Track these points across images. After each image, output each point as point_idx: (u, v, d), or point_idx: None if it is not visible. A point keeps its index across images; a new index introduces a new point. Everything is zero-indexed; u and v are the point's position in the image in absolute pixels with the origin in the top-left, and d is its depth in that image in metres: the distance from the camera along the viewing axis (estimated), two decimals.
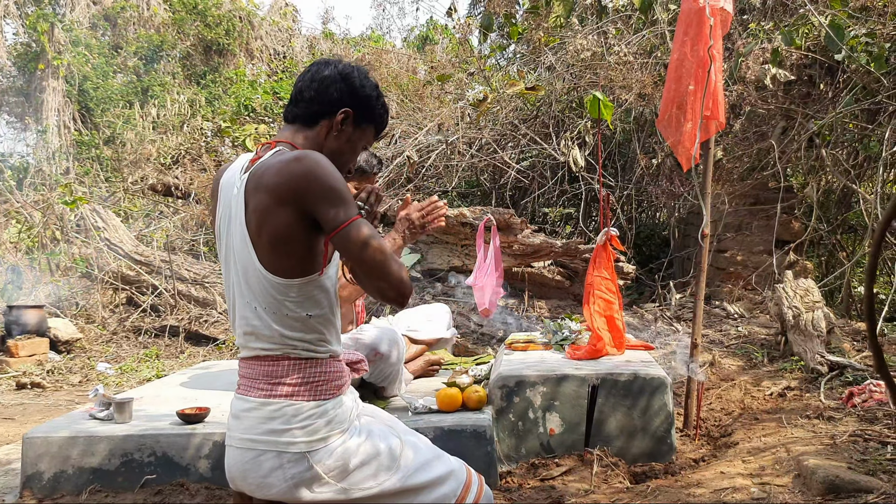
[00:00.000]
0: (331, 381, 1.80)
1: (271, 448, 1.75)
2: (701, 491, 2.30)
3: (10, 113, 12.42)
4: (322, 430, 1.76)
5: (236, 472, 1.81)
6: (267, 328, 1.75)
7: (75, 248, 6.99)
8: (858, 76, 4.82)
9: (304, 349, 1.77)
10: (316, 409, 1.77)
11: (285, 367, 1.78)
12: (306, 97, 1.88)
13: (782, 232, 5.59)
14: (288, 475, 1.75)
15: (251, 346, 1.80)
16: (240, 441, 1.79)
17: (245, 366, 1.85)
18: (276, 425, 1.75)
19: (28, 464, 2.50)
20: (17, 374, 5.10)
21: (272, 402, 1.76)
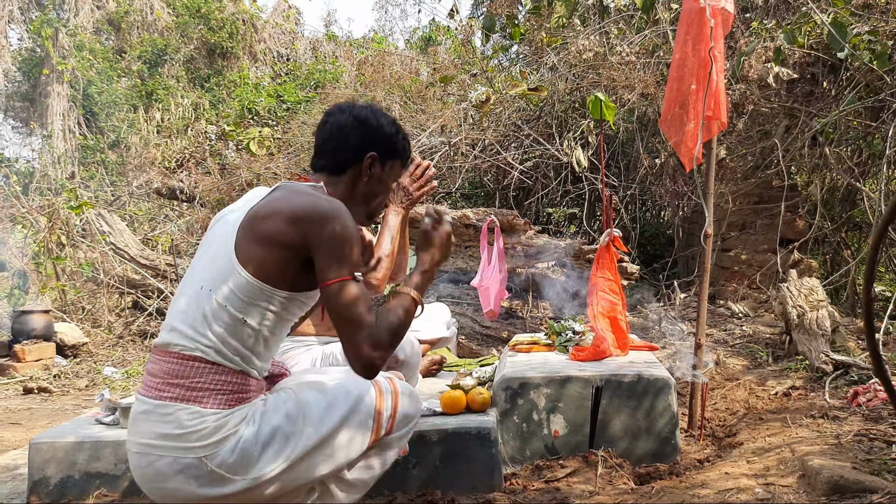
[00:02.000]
0: (234, 393, 1.78)
1: (167, 453, 1.73)
2: (706, 492, 2.30)
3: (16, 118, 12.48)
4: (216, 435, 1.74)
5: (138, 478, 1.80)
6: (197, 319, 1.75)
7: (81, 252, 7.02)
8: (861, 74, 4.81)
9: (218, 353, 1.75)
10: (210, 416, 1.74)
11: (191, 368, 1.75)
12: (329, 149, 1.95)
13: (786, 230, 5.58)
14: (190, 479, 1.74)
15: (169, 338, 1.78)
16: (136, 446, 1.78)
17: (153, 360, 1.83)
18: (169, 429, 1.73)
19: (35, 469, 2.51)
20: (24, 379, 5.12)
21: (167, 406, 1.74)
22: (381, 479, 2.46)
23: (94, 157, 11.07)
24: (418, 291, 1.86)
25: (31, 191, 9.61)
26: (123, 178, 10.15)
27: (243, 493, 1.76)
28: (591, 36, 6.11)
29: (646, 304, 5.56)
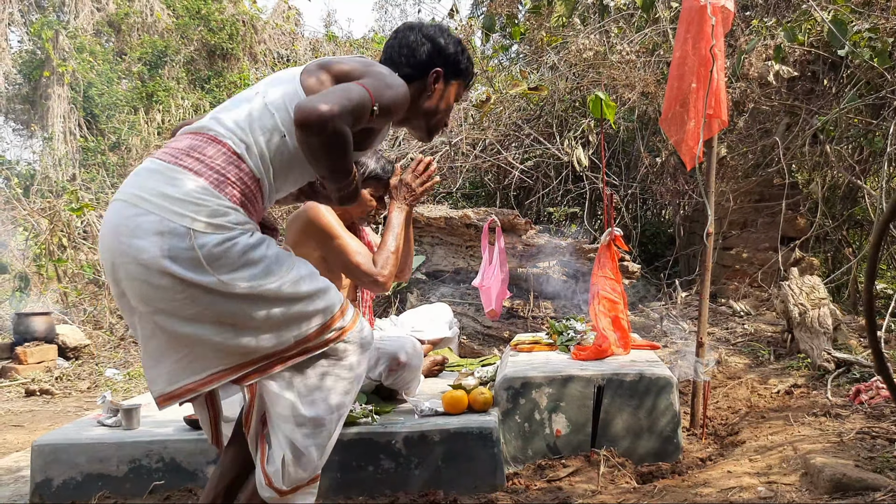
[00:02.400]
0: (244, 195, 1.77)
1: (158, 212, 1.68)
2: (708, 490, 2.30)
3: (17, 120, 12.48)
4: (215, 218, 1.71)
5: (110, 228, 1.73)
6: (241, 116, 1.77)
7: (82, 254, 7.02)
8: (862, 71, 4.81)
9: (248, 150, 1.76)
10: (215, 199, 1.72)
11: (217, 151, 1.75)
12: (396, 61, 2.00)
13: (788, 229, 5.57)
14: (165, 245, 1.67)
15: (207, 124, 1.79)
16: (128, 195, 1.73)
17: (176, 139, 1.81)
18: (171, 191, 1.69)
19: (37, 471, 2.52)
20: (26, 381, 5.13)
21: (178, 170, 1.72)
22: (383, 479, 2.47)
23: (95, 158, 11.06)
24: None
25: (33, 193, 9.61)
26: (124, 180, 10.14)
27: (200, 292, 1.69)
28: (592, 35, 6.11)
29: (647, 302, 5.56)
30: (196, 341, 1.73)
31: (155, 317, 1.72)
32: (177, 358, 1.75)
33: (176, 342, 1.74)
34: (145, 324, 1.75)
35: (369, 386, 2.87)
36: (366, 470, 2.50)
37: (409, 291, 5.25)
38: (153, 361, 1.77)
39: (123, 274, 1.71)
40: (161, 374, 1.77)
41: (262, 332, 1.76)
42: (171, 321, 1.72)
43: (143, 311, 1.74)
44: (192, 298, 1.70)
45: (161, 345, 1.75)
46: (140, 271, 1.69)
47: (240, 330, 1.74)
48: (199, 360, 1.75)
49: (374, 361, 2.79)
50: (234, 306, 1.73)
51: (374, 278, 2.70)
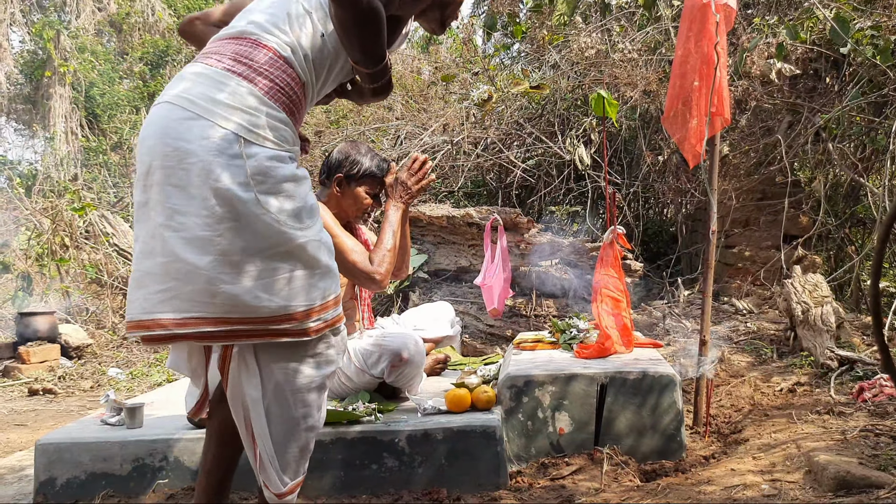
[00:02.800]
0: (293, 103, 1.76)
1: (208, 116, 1.64)
2: (712, 488, 2.30)
3: (18, 120, 12.50)
4: (266, 130, 1.68)
5: (155, 129, 1.68)
6: (280, 17, 1.75)
7: (85, 254, 7.03)
8: (864, 69, 4.80)
9: (293, 52, 1.75)
10: (269, 108, 1.70)
11: (264, 56, 1.72)
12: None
13: (790, 227, 5.57)
14: (212, 148, 1.62)
15: (246, 28, 1.76)
16: (177, 98, 1.68)
17: (217, 45, 1.76)
18: (223, 97, 1.66)
19: (41, 470, 2.52)
20: (29, 381, 5.13)
21: (229, 76, 1.68)
22: (386, 477, 2.48)
23: (97, 158, 11.08)
24: None
25: (35, 193, 9.63)
26: (126, 180, 10.16)
27: (228, 209, 1.63)
28: (593, 33, 6.11)
29: (650, 301, 5.56)
30: (190, 274, 1.64)
31: (166, 232, 1.65)
32: (162, 288, 1.66)
33: (171, 268, 1.65)
34: (151, 239, 1.68)
35: (372, 384, 2.87)
36: (369, 468, 2.50)
37: (412, 290, 5.25)
38: (137, 284, 1.70)
39: (159, 177, 1.66)
40: (139, 299, 1.69)
41: (258, 285, 1.68)
42: (180, 242, 1.64)
43: (157, 223, 1.67)
44: (217, 217, 1.64)
45: (154, 266, 1.67)
46: (179, 176, 1.64)
47: (238, 275, 1.67)
48: (183, 299, 1.66)
49: (377, 358, 2.79)
50: (250, 237, 1.67)
51: (370, 276, 2.71)
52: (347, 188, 2.95)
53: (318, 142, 7.46)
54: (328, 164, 3.00)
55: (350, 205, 2.97)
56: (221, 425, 1.92)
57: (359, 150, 2.98)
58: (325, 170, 3.01)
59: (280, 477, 1.85)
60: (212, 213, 1.64)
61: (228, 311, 1.68)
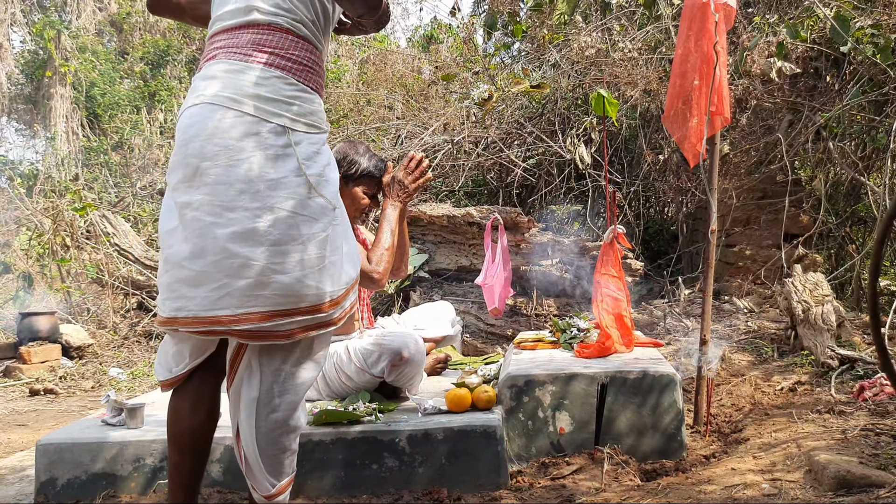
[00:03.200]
0: (318, 72, 1.78)
1: (253, 113, 1.66)
2: (712, 488, 2.30)
3: (19, 120, 12.51)
4: (308, 117, 1.72)
5: (200, 130, 1.68)
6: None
7: (86, 254, 7.03)
8: (865, 68, 4.80)
9: (304, 26, 1.75)
10: (306, 93, 1.73)
11: (283, 39, 1.73)
12: None
13: (791, 225, 5.57)
14: (262, 143, 1.66)
15: (249, 17, 1.74)
16: (216, 98, 1.68)
17: (224, 36, 1.75)
18: (263, 91, 1.68)
19: (41, 470, 2.52)
20: (30, 381, 5.14)
21: (265, 70, 1.69)
22: (387, 477, 2.48)
23: (98, 158, 11.09)
24: None
25: (36, 193, 9.63)
26: (127, 180, 10.16)
27: (281, 197, 1.67)
28: (594, 32, 6.11)
29: (650, 300, 5.56)
30: (243, 267, 1.67)
31: (218, 230, 1.67)
32: (217, 286, 1.69)
33: (224, 264, 1.68)
34: (201, 238, 1.69)
35: (372, 384, 2.87)
36: (370, 468, 2.50)
37: (412, 290, 5.25)
38: (191, 284, 1.72)
39: (209, 178, 1.67)
40: (196, 297, 1.72)
41: (305, 273, 1.72)
42: (231, 237, 1.67)
43: (207, 222, 1.68)
44: (268, 208, 1.67)
45: (207, 265, 1.69)
46: (230, 174, 1.66)
47: (288, 264, 1.70)
48: (236, 296, 1.69)
49: (377, 358, 2.79)
50: (301, 224, 1.70)
51: (369, 275, 2.73)
52: (345, 188, 2.96)
53: None
54: None
55: (348, 205, 2.97)
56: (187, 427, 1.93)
57: (357, 150, 2.99)
58: None
59: (266, 478, 1.85)
60: (263, 205, 1.67)
61: (278, 302, 1.71)
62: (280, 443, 1.84)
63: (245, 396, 1.80)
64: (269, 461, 1.84)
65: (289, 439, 1.86)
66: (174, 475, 1.90)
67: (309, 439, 2.50)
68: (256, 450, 1.82)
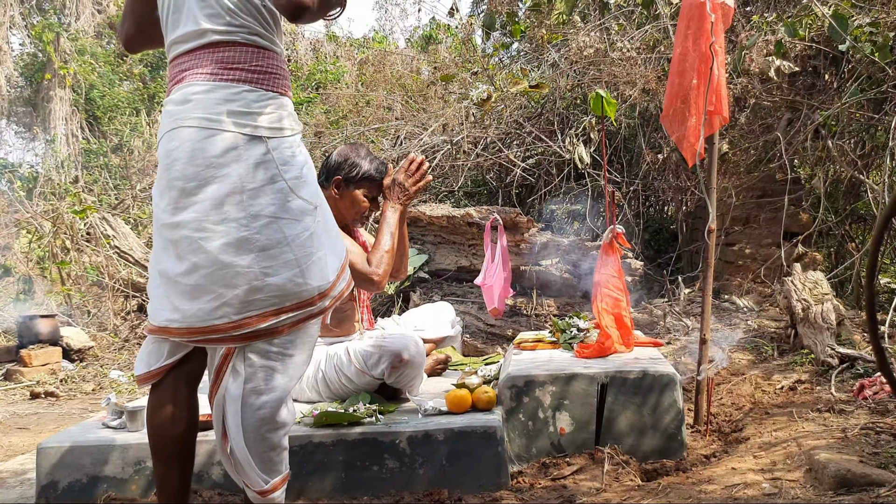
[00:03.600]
0: (283, 74, 1.86)
1: (231, 129, 1.74)
2: (712, 487, 2.30)
3: (19, 123, 12.51)
4: (282, 122, 1.80)
5: (182, 153, 1.76)
6: (221, 12, 1.77)
7: (86, 256, 7.04)
8: (863, 66, 4.80)
9: (261, 37, 1.81)
10: (275, 100, 1.81)
11: (245, 53, 1.80)
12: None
13: (790, 224, 5.57)
14: (243, 156, 1.74)
15: (206, 39, 1.79)
16: (195, 120, 1.75)
17: (186, 58, 1.81)
18: (236, 107, 1.76)
19: (42, 474, 2.52)
20: (31, 384, 5.14)
21: (232, 86, 1.77)
22: (387, 479, 2.48)
23: (98, 161, 11.09)
24: None
25: (36, 196, 9.64)
26: (127, 182, 10.16)
27: (266, 201, 1.76)
28: (592, 32, 6.11)
29: (650, 299, 5.56)
30: (236, 276, 1.76)
31: (207, 244, 1.75)
32: (212, 296, 1.78)
33: (216, 276, 1.76)
34: (193, 254, 1.77)
35: (372, 385, 2.88)
36: (370, 470, 2.51)
37: (412, 290, 5.25)
38: (187, 298, 1.79)
39: (195, 197, 1.76)
40: (192, 310, 1.79)
41: (297, 271, 1.81)
42: (220, 248, 1.75)
43: (196, 238, 1.76)
44: (253, 215, 1.76)
45: (201, 279, 1.78)
46: (214, 190, 1.74)
47: (279, 266, 1.79)
48: (232, 304, 1.78)
49: (377, 360, 2.79)
50: (286, 226, 1.79)
51: (369, 277, 2.74)
52: (346, 191, 2.97)
53: (317, 143, 7.47)
54: (327, 166, 3.01)
55: (348, 207, 2.98)
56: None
57: (358, 153, 2.99)
58: (323, 172, 3.02)
59: (259, 474, 1.88)
60: (247, 214, 1.76)
61: (273, 303, 1.81)
62: (269, 440, 1.88)
63: (230, 395, 1.85)
64: (259, 459, 1.88)
65: (277, 436, 1.90)
66: (163, 486, 1.92)
67: (310, 441, 2.51)
68: (245, 448, 1.86)
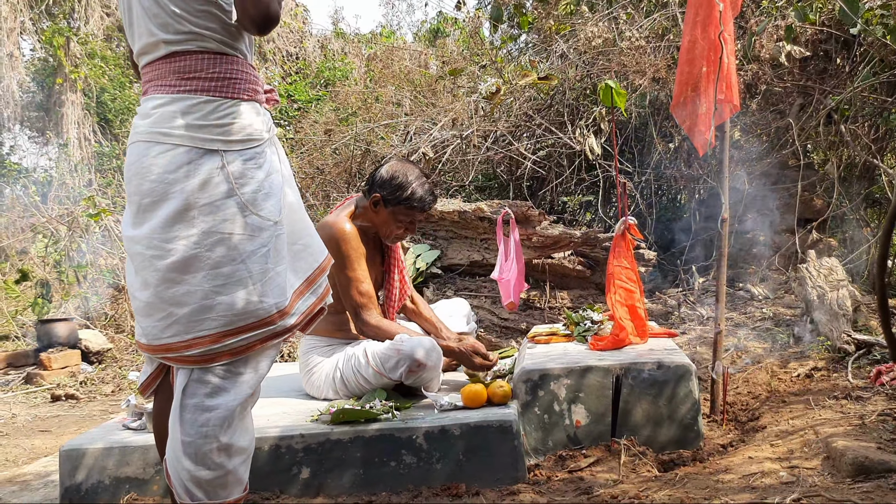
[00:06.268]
0: (247, 83, 1.79)
1: (186, 143, 1.70)
2: (730, 477, 2.30)
3: (32, 128, 12.59)
4: (242, 132, 1.74)
5: (137, 169, 1.73)
6: (170, 22, 1.72)
7: (102, 259, 7.09)
8: (875, 49, 4.75)
9: (220, 42, 1.75)
10: (237, 108, 1.75)
11: (193, 60, 1.74)
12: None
13: (804, 210, 5.53)
14: (196, 171, 1.69)
15: (160, 52, 1.75)
16: (149, 135, 1.73)
17: (150, 69, 1.78)
18: (192, 120, 1.71)
19: (66, 475, 2.56)
20: (52, 387, 5.20)
21: (189, 98, 1.72)
22: (405, 474, 2.49)
23: (111, 163, 11.16)
24: None
25: (50, 200, 9.70)
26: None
27: (218, 220, 1.71)
28: (600, 22, 6.08)
29: (664, 289, 5.54)
30: (187, 295, 1.72)
31: (157, 262, 1.71)
32: (163, 315, 1.75)
33: (166, 294, 1.73)
34: (144, 270, 1.75)
35: (389, 385, 2.89)
36: (388, 465, 2.52)
37: (426, 286, 5.27)
38: (142, 313, 1.80)
39: (148, 214, 1.73)
40: (147, 326, 1.79)
41: (253, 289, 1.74)
42: (170, 267, 1.71)
43: (148, 255, 1.73)
44: (204, 232, 1.71)
45: (152, 296, 1.75)
46: (166, 206, 1.70)
47: (232, 284, 1.73)
48: (183, 323, 1.73)
49: (395, 363, 2.81)
50: (239, 242, 1.73)
51: (358, 317, 2.96)
52: (383, 209, 2.98)
53: (327, 140, 7.48)
54: (374, 177, 3.01)
55: (382, 223, 3.01)
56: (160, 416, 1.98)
57: (406, 176, 2.97)
58: (370, 180, 3.03)
59: (185, 485, 1.78)
60: (199, 231, 1.71)
61: (226, 322, 1.74)
62: (209, 459, 1.77)
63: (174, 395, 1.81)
64: (196, 482, 1.77)
65: (221, 457, 1.78)
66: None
67: (327, 438, 2.53)
68: (175, 456, 1.78)
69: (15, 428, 4.21)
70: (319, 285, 1.94)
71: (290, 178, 1.93)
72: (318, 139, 7.62)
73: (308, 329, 1.91)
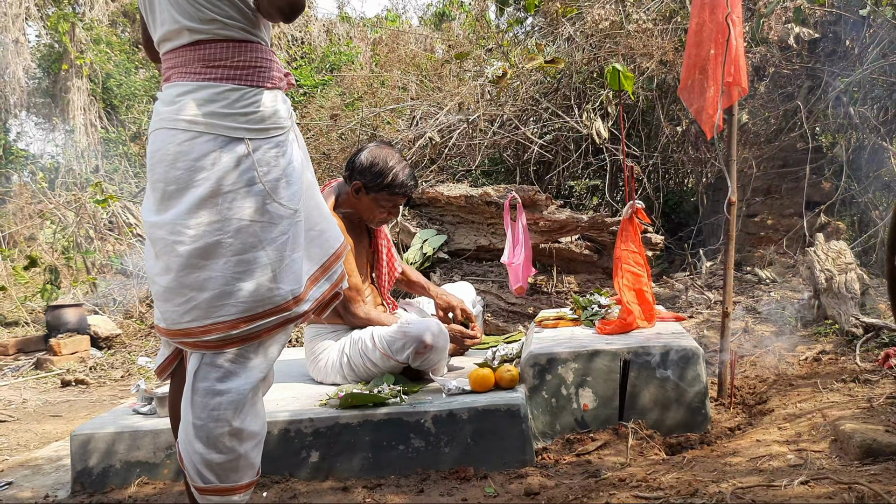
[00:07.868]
0: (269, 66, 1.80)
1: (210, 130, 1.71)
2: (737, 460, 2.31)
3: (38, 114, 12.61)
4: (266, 122, 1.76)
5: (160, 157, 1.75)
6: (197, 8, 1.72)
7: (109, 245, 7.12)
8: (884, 30, 4.71)
9: (242, 30, 1.76)
10: (261, 97, 1.76)
11: (227, 49, 1.75)
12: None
13: (812, 193, 5.51)
14: (222, 159, 1.71)
15: (184, 39, 1.75)
16: (173, 122, 1.74)
17: (173, 56, 1.79)
18: (217, 108, 1.72)
19: (77, 460, 2.58)
20: (62, 372, 5.24)
21: (216, 86, 1.73)
22: (414, 458, 2.51)
23: (117, 149, 11.17)
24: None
25: (58, 186, 9.74)
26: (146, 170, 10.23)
27: (242, 207, 1.73)
28: (607, 4, 6.04)
29: (671, 273, 5.54)
30: (207, 281, 1.73)
31: (180, 248, 1.72)
32: (184, 300, 1.75)
33: (187, 280, 1.74)
34: (166, 255, 1.76)
35: (397, 369, 2.90)
36: (396, 449, 2.54)
37: (432, 271, 5.27)
38: (161, 297, 1.81)
39: (174, 201, 1.74)
40: (166, 311, 1.80)
41: (271, 276, 1.76)
42: (193, 252, 1.72)
43: (170, 241, 1.74)
44: (226, 219, 1.72)
45: (172, 281, 1.76)
46: (192, 194, 1.72)
47: (252, 271, 1.75)
48: (203, 308, 1.74)
49: (401, 345, 2.82)
50: (260, 230, 1.75)
51: (349, 313, 3.01)
52: (365, 196, 2.98)
53: (333, 125, 7.47)
54: (353, 164, 3.00)
55: (365, 209, 3.02)
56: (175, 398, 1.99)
57: (386, 161, 2.96)
58: (349, 167, 3.02)
59: (197, 468, 1.81)
60: (222, 218, 1.73)
61: (244, 308, 1.75)
62: (220, 443, 1.78)
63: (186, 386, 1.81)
64: (208, 465, 1.80)
65: (233, 441, 1.79)
66: None
67: (336, 422, 2.54)
68: (186, 439, 1.80)
69: (26, 413, 4.25)
70: (335, 272, 1.95)
71: (308, 162, 1.94)
72: (324, 124, 7.60)
73: (323, 314, 1.93)
